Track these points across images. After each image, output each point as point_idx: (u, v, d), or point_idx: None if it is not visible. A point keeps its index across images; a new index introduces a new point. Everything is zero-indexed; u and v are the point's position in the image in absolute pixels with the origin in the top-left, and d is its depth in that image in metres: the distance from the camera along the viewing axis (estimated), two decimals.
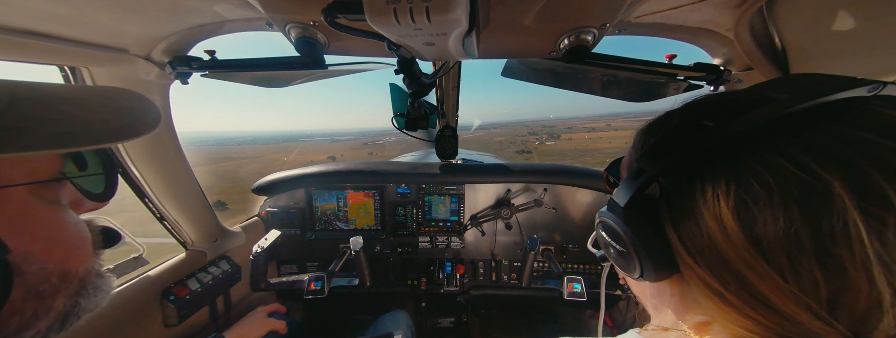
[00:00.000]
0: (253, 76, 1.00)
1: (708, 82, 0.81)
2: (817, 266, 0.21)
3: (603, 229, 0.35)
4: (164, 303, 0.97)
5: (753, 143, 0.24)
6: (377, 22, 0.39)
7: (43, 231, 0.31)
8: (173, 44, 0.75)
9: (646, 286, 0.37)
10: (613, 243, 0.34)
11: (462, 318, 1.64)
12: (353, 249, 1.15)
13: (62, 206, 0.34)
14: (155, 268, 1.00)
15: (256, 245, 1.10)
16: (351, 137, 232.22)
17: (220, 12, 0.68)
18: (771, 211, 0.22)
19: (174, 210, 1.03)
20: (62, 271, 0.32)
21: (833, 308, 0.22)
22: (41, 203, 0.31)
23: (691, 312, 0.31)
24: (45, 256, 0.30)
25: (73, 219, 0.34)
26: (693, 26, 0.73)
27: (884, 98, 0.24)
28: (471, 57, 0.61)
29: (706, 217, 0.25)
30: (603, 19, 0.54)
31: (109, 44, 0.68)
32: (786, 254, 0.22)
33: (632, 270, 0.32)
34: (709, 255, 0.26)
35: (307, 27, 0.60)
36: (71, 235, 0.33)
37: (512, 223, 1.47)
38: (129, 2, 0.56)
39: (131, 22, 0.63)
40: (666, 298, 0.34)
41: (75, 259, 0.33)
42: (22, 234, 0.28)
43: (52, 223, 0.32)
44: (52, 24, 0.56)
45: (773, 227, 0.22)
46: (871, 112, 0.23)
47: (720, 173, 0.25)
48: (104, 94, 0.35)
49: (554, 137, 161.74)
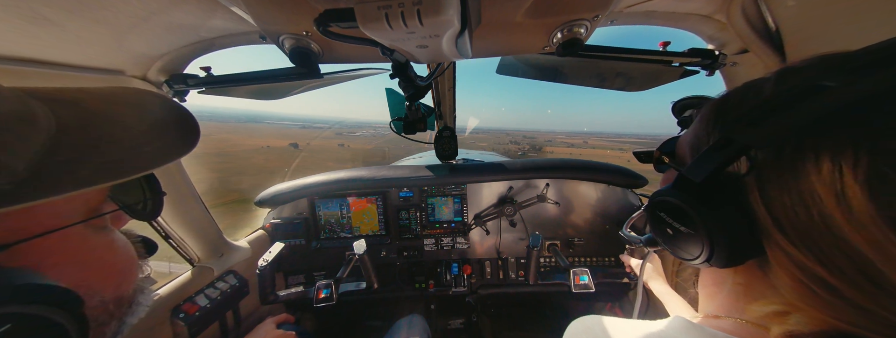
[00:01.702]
0: (250, 90, 1.00)
1: (703, 67, 0.81)
2: None
3: (663, 210, 0.31)
4: (174, 321, 0.97)
5: (886, 106, 0.20)
6: (369, 28, 0.39)
7: (99, 263, 0.30)
8: (169, 63, 0.75)
9: (704, 274, 0.34)
10: (676, 225, 0.30)
11: (472, 318, 1.63)
12: (357, 252, 1.15)
13: (110, 229, 0.33)
14: (163, 287, 1.00)
15: (261, 259, 1.10)
16: (325, 126, 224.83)
17: (214, 28, 0.69)
18: None
19: (179, 227, 1.03)
20: (117, 297, 0.31)
21: None
22: (94, 233, 0.30)
23: (760, 301, 0.28)
24: (102, 286, 0.29)
25: (121, 241, 0.33)
26: (685, 12, 0.73)
27: None
28: (465, 57, 0.61)
29: (820, 192, 0.22)
30: (594, 10, 0.54)
31: (105, 66, 0.68)
32: None
33: (695, 254, 0.29)
34: (816, 236, 0.22)
35: (301, 38, 0.60)
36: (122, 259, 0.33)
37: (516, 220, 1.47)
38: (122, 23, 0.57)
39: (126, 43, 0.63)
40: (728, 285, 0.31)
41: (127, 283, 0.33)
42: (84, 271, 0.28)
43: (107, 252, 0.31)
44: (46, 49, 0.56)
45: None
46: None
47: (847, 142, 0.21)
48: (138, 102, 0.33)
49: (536, 148, 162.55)
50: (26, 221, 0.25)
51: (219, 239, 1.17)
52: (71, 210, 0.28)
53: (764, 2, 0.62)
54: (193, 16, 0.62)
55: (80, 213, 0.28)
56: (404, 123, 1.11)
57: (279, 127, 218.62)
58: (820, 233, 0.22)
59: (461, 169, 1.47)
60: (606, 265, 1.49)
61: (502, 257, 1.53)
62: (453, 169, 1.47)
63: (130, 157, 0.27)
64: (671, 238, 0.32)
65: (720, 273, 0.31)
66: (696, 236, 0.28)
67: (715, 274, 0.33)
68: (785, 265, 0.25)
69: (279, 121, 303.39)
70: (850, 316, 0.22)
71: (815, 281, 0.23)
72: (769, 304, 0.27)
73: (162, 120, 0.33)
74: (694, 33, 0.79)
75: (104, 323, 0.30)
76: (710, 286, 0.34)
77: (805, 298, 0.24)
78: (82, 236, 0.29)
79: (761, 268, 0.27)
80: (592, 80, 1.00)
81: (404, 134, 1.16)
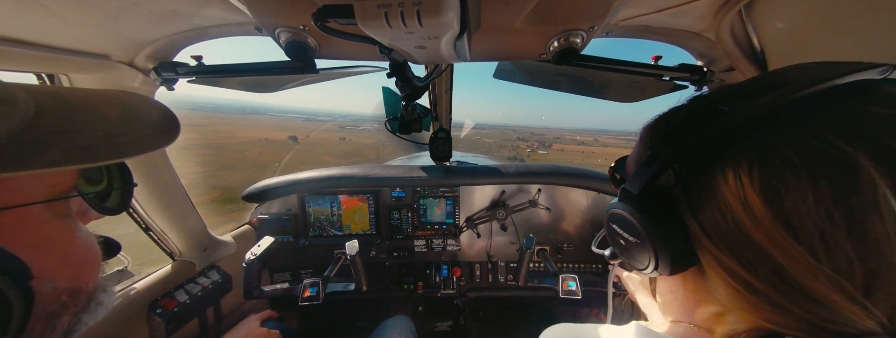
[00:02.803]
0: (242, 81, 0.98)
1: (691, 83, 0.84)
2: (850, 243, 0.21)
3: (614, 222, 0.34)
4: (150, 316, 0.93)
5: (772, 124, 0.24)
6: (368, 26, 0.39)
7: (56, 248, 0.29)
8: (158, 49, 0.73)
9: (659, 283, 0.37)
10: (626, 236, 0.33)
11: (460, 321, 1.62)
12: (349, 253, 1.13)
13: (73, 219, 0.32)
14: (141, 280, 0.96)
15: (249, 252, 1.08)
16: (329, 119, 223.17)
17: (208, 17, 0.67)
18: (799, 189, 0.22)
19: (161, 220, 1.00)
20: (72, 288, 0.30)
21: (869, 290, 0.21)
22: (55, 218, 0.30)
23: (704, 305, 0.31)
24: (56, 274, 0.29)
25: (83, 233, 0.33)
26: (677, 29, 0.75)
27: (894, 80, 0.24)
28: (463, 60, 0.62)
29: (730, 200, 0.25)
30: (591, 21, 0.56)
31: (90, 50, 0.66)
32: (817, 231, 0.21)
33: (645, 263, 0.32)
34: (734, 239, 0.25)
35: (297, 31, 0.59)
36: (82, 250, 0.32)
37: (507, 224, 1.48)
38: (111, 6, 0.55)
39: (113, 27, 0.61)
40: (679, 293, 0.33)
41: (86, 276, 0.32)
42: (38, 252, 0.27)
43: (66, 240, 0.30)
44: (29, 29, 0.54)
45: (802, 204, 0.22)
46: (888, 91, 0.23)
47: (742, 155, 0.25)
48: (122, 101, 0.34)
49: (545, 146, 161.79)
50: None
51: (202, 233, 1.14)
52: (35, 191, 0.28)
53: (751, 23, 0.65)
54: (187, 3, 0.60)
55: (44, 195, 0.28)
56: (400, 123, 1.11)
57: (282, 119, 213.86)
58: (737, 237, 0.25)
59: (455, 171, 1.47)
60: (594, 272, 1.51)
61: (492, 260, 1.54)
62: (447, 171, 1.47)
63: (104, 144, 0.28)
64: (625, 250, 0.35)
65: (672, 281, 0.34)
66: (642, 246, 0.31)
67: (669, 282, 0.35)
68: (715, 269, 0.27)
69: (283, 113, 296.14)
70: (771, 315, 0.25)
71: (740, 282, 0.26)
72: (710, 306, 0.30)
73: (142, 115, 0.33)
74: (685, 49, 0.82)
75: (56, 314, 0.29)
76: (667, 295, 0.36)
77: (735, 299, 0.27)
78: (42, 219, 0.28)
79: (701, 274, 0.30)
80: (586, 89, 1.02)
81: (399, 134, 1.16)
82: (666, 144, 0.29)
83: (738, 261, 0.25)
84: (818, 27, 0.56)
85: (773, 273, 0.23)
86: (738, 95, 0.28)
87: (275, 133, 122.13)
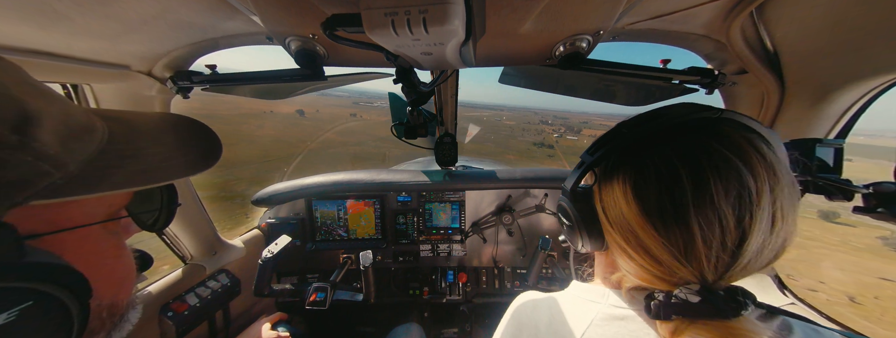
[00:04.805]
0: (254, 89, 1.01)
1: (702, 86, 0.82)
2: (675, 223, 0.33)
3: (559, 211, 0.48)
4: (162, 319, 0.95)
5: (646, 144, 0.37)
6: (375, 34, 0.40)
7: (107, 265, 0.30)
8: (174, 59, 0.76)
9: (596, 257, 0.50)
10: (565, 221, 0.47)
11: (466, 327, 1.60)
12: (363, 264, 1.13)
13: (120, 236, 0.34)
14: (153, 284, 0.98)
15: (266, 250, 1.08)
16: (345, 95, 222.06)
17: (222, 28, 0.70)
18: (652, 188, 0.34)
19: (174, 224, 1.02)
20: (112, 305, 0.31)
21: (686, 253, 0.33)
22: (108, 236, 0.31)
23: (615, 273, 0.43)
24: (103, 291, 0.29)
25: (127, 251, 0.34)
26: (686, 32, 0.74)
27: (726, 120, 0.35)
28: (468, 65, 0.62)
29: (619, 195, 0.37)
30: (597, 26, 0.56)
31: (112, 61, 0.69)
32: (659, 216, 0.34)
33: (577, 241, 0.45)
34: (621, 223, 0.37)
35: (307, 40, 0.61)
36: (125, 267, 0.33)
37: (513, 230, 1.46)
38: (131, 20, 0.57)
39: (133, 39, 0.64)
40: (603, 265, 0.47)
41: (124, 292, 0.33)
42: (93, 270, 0.27)
43: (114, 256, 0.32)
44: (57, 42, 0.57)
45: (652, 198, 0.34)
46: (714, 126, 0.35)
47: (627, 164, 0.37)
48: (175, 125, 0.36)
49: (574, 131, 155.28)
50: (57, 216, 0.26)
51: (213, 237, 1.16)
52: (97, 211, 0.29)
53: (763, 24, 0.63)
54: (203, 15, 0.63)
55: (103, 215, 0.30)
56: (405, 128, 1.12)
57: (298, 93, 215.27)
58: (622, 221, 0.37)
59: (460, 176, 1.47)
60: None
61: (499, 266, 1.51)
62: (453, 175, 1.47)
63: (160, 168, 0.30)
64: (566, 231, 0.48)
65: (600, 257, 0.48)
66: (574, 229, 0.44)
67: (600, 258, 0.49)
68: (613, 245, 0.40)
69: None
70: (642, 274, 0.37)
71: (625, 254, 0.38)
72: (618, 272, 0.42)
73: (191, 139, 0.36)
74: (694, 52, 0.81)
75: (94, 331, 0.29)
76: (597, 267, 0.50)
77: (625, 266, 0.39)
78: (98, 238, 0.30)
79: (612, 252, 0.42)
80: (593, 93, 1.01)
81: (405, 139, 1.17)
82: (589, 153, 0.41)
83: (623, 238, 0.37)
84: (831, 29, 0.55)
85: (639, 246, 0.36)
86: (633, 123, 0.39)
87: (283, 106, 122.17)
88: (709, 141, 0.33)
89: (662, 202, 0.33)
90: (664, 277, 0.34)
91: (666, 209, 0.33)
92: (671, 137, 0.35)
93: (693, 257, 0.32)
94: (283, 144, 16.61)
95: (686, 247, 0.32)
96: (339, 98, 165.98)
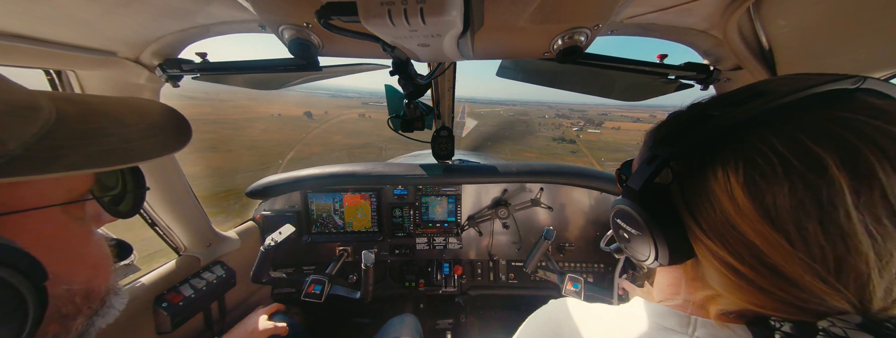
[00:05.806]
0: (246, 78, 0.98)
1: (697, 81, 0.83)
2: (821, 231, 0.23)
3: (619, 217, 0.37)
4: (156, 310, 0.95)
5: (755, 128, 0.27)
6: (371, 23, 0.39)
7: (72, 251, 0.30)
8: (164, 46, 0.74)
9: (659, 273, 0.40)
10: (629, 229, 0.36)
11: (461, 319, 1.63)
12: (365, 264, 1.13)
13: (87, 222, 0.33)
14: (147, 275, 0.98)
15: (270, 238, 1.08)
16: (355, 96, 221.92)
17: (212, 14, 0.68)
18: (777, 184, 0.25)
19: (166, 215, 1.01)
20: (86, 290, 0.31)
21: (839, 273, 0.24)
22: (71, 221, 0.30)
23: (700, 291, 0.33)
24: (71, 276, 0.29)
25: (97, 236, 0.33)
26: (683, 27, 0.74)
27: (866, 90, 0.27)
28: (466, 58, 0.61)
29: (719, 195, 0.28)
30: (595, 20, 0.55)
31: (97, 46, 0.66)
32: (792, 221, 0.24)
33: (646, 254, 0.34)
34: (723, 230, 0.28)
35: (301, 29, 0.59)
36: (96, 253, 0.33)
37: (509, 223, 1.48)
38: (117, 4, 0.55)
39: (120, 24, 0.62)
40: (681, 285, 0.36)
41: (99, 278, 0.33)
42: (54, 254, 0.27)
43: (80, 242, 0.31)
44: (38, 26, 0.55)
45: (780, 197, 0.25)
46: (857, 99, 0.26)
47: (729, 155, 0.28)
48: (140, 108, 0.35)
49: (594, 124, 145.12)
50: (9, 198, 0.25)
51: (207, 229, 1.15)
52: (54, 194, 0.28)
53: (759, 21, 0.64)
54: (192, 0, 0.61)
55: (62, 198, 0.29)
56: (402, 121, 1.11)
57: (308, 95, 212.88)
58: (725, 227, 0.28)
59: (457, 169, 1.47)
60: (596, 272, 1.51)
61: (494, 258, 1.54)
62: (449, 169, 1.47)
63: (120, 149, 0.29)
64: (628, 243, 0.37)
65: (671, 274, 0.37)
66: (642, 238, 0.34)
67: (668, 274, 0.38)
68: (708, 258, 0.30)
69: (310, 90, 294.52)
70: (756, 297, 0.28)
71: (728, 268, 0.29)
72: (705, 291, 0.33)
73: (156, 121, 0.34)
74: (690, 47, 0.81)
75: (69, 316, 0.29)
76: (666, 287, 0.39)
77: (725, 284, 0.30)
78: (59, 223, 0.29)
79: (696, 263, 0.33)
80: (590, 87, 1.01)
81: (401, 131, 1.16)
82: (664, 145, 0.32)
83: (726, 249, 0.28)
84: (827, 26, 0.55)
85: (756, 259, 0.26)
86: (727, 103, 0.31)
87: (292, 109, 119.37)
88: (859, 117, 0.24)
89: (797, 201, 0.24)
90: (798, 303, 0.26)
91: (807, 212, 0.24)
92: (793, 116, 0.26)
93: (852, 278, 0.23)
94: (284, 147, 16.23)
95: (839, 264, 0.23)
96: (348, 100, 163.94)
